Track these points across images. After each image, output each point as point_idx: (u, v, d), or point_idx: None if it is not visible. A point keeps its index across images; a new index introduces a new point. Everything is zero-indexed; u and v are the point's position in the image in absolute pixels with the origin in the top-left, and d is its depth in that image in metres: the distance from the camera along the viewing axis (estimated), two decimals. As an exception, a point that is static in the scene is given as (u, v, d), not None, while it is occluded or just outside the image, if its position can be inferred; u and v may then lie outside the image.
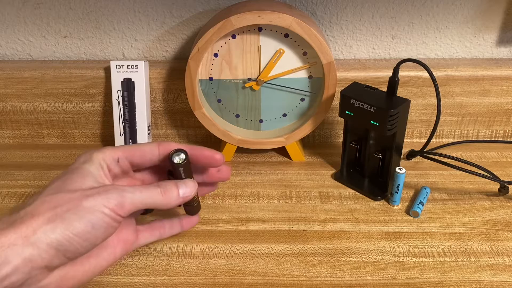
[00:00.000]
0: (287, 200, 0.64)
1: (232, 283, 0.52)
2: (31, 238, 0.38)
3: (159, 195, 0.45)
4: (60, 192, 0.41)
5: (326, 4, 0.73)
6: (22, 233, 0.38)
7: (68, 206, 0.40)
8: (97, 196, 0.41)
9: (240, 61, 0.67)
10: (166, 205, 0.46)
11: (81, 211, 0.40)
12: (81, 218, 0.40)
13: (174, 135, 0.78)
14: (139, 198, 0.44)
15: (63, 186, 0.42)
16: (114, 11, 0.73)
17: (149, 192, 0.44)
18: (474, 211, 0.62)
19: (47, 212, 0.40)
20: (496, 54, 0.77)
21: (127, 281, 0.52)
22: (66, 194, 0.41)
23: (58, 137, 0.78)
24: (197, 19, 0.74)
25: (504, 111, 0.75)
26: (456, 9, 0.73)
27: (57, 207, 0.40)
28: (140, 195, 0.44)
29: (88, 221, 0.40)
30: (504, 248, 0.56)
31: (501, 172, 0.69)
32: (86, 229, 0.40)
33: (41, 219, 0.39)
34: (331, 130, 0.77)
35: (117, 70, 0.70)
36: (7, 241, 0.37)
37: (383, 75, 0.72)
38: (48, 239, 0.39)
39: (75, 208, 0.40)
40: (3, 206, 0.64)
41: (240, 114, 0.72)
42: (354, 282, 0.52)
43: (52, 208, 0.40)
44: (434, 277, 0.52)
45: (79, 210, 0.40)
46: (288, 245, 0.57)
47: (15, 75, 0.74)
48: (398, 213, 0.62)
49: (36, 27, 0.75)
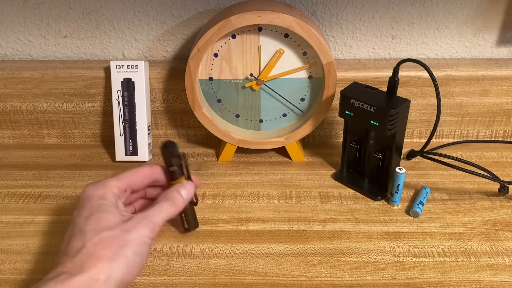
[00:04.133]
0: (287, 200, 0.64)
1: (232, 283, 0.52)
2: (101, 280, 0.42)
3: (171, 207, 0.51)
4: (103, 231, 0.45)
5: (326, 4, 0.73)
6: (94, 277, 0.42)
7: (118, 241, 0.45)
8: (135, 229, 0.46)
9: (240, 61, 0.67)
10: (177, 212, 0.52)
11: (129, 245, 0.45)
12: (132, 251, 0.45)
13: (174, 135, 0.78)
14: (161, 218, 0.49)
15: (101, 225, 0.46)
16: (114, 11, 0.73)
17: (164, 209, 0.50)
18: (474, 211, 0.62)
19: (105, 251, 0.44)
20: (496, 54, 0.77)
21: (127, 281, 0.52)
22: (109, 231, 0.45)
23: (58, 137, 0.78)
24: (197, 19, 0.74)
25: (504, 111, 0.75)
26: (456, 9, 0.73)
27: (110, 244, 0.44)
28: (161, 215, 0.49)
29: (137, 252, 0.45)
30: (504, 248, 0.56)
31: (501, 172, 0.69)
32: (137, 259, 0.45)
33: (105, 260, 0.43)
34: (331, 130, 0.77)
35: (117, 70, 0.70)
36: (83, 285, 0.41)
37: (383, 75, 0.72)
38: (116, 278, 0.43)
39: (124, 244, 0.45)
40: (3, 206, 0.64)
41: (240, 114, 0.72)
42: (354, 282, 0.52)
43: (106, 247, 0.44)
44: (434, 277, 0.52)
45: (128, 245, 0.45)
46: (288, 245, 0.57)
47: (15, 75, 0.74)
48: (398, 213, 0.62)
49: (36, 27, 0.75)
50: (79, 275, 0.41)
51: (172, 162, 0.53)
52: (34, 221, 0.61)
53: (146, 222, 0.47)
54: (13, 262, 0.55)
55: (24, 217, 0.62)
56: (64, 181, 0.69)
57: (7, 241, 0.58)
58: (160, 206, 0.50)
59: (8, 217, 0.62)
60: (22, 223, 0.61)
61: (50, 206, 0.64)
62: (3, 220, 0.61)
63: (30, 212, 0.63)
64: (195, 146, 0.78)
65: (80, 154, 0.75)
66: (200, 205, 0.63)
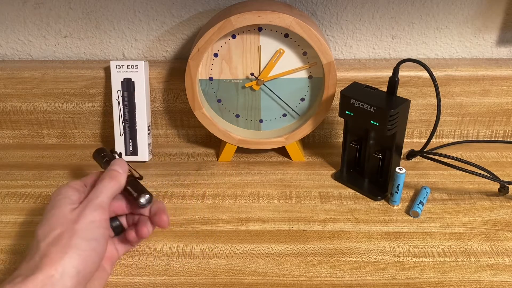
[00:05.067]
0: (287, 200, 0.64)
1: (232, 283, 0.52)
2: (56, 276, 0.42)
3: (111, 182, 0.51)
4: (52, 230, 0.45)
5: (326, 4, 0.73)
6: (48, 274, 0.42)
7: (68, 234, 0.45)
8: (82, 216, 0.46)
9: (240, 61, 0.67)
10: (121, 185, 0.52)
11: (79, 234, 0.45)
12: (83, 239, 0.45)
13: (174, 135, 0.78)
14: (105, 196, 0.49)
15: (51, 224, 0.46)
16: (114, 11, 0.73)
17: (105, 187, 0.50)
18: (474, 211, 0.62)
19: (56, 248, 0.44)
20: (496, 54, 0.77)
21: (127, 281, 0.52)
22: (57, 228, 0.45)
23: (58, 137, 0.79)
24: (197, 19, 0.74)
25: (504, 111, 0.75)
26: (456, 9, 0.73)
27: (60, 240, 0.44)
28: (103, 194, 0.49)
29: (89, 238, 0.45)
30: (504, 248, 0.56)
31: (501, 172, 0.69)
32: (92, 245, 0.45)
33: (56, 256, 0.43)
34: (331, 130, 0.77)
35: (117, 70, 0.70)
36: (39, 283, 0.41)
37: (383, 75, 0.72)
38: (70, 271, 0.43)
39: (73, 235, 0.45)
40: (3, 206, 0.64)
41: (240, 114, 0.72)
42: (354, 282, 0.52)
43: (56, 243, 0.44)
44: (434, 277, 0.52)
45: (78, 235, 0.45)
46: (288, 245, 0.57)
47: (15, 75, 0.74)
48: (398, 213, 0.62)
49: (36, 27, 0.75)
50: (33, 275, 0.42)
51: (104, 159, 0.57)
52: (34, 221, 0.61)
53: (91, 207, 0.47)
54: (13, 262, 0.55)
55: (24, 217, 0.62)
56: (64, 181, 0.69)
57: (7, 241, 0.58)
58: (100, 186, 0.50)
59: (8, 217, 0.62)
60: (22, 223, 0.61)
61: (50, 206, 0.64)
62: (3, 220, 0.61)
63: (30, 212, 0.63)
64: (195, 146, 0.78)
65: (80, 154, 0.75)
66: (200, 205, 0.63)
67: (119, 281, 0.52)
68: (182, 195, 0.65)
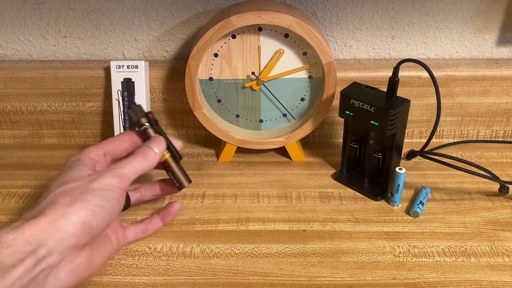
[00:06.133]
0: (287, 200, 0.64)
1: (232, 283, 0.52)
2: (59, 221, 0.42)
3: (142, 160, 0.50)
4: (66, 183, 0.45)
5: (326, 4, 0.73)
6: (50, 219, 0.41)
7: (80, 190, 0.44)
8: (100, 178, 0.46)
9: (240, 61, 0.67)
10: (151, 166, 0.51)
11: (92, 191, 0.45)
12: (95, 196, 0.45)
13: (174, 135, 0.78)
14: (131, 170, 0.49)
15: (66, 179, 0.46)
16: (114, 11, 0.73)
17: (134, 162, 0.50)
18: (474, 211, 0.62)
19: (65, 198, 0.43)
20: (496, 54, 0.77)
21: (127, 281, 0.52)
22: (73, 183, 0.45)
23: (58, 137, 0.79)
24: (197, 19, 0.74)
25: (504, 111, 0.75)
26: (456, 9, 0.73)
27: (71, 192, 0.44)
28: (130, 167, 0.49)
29: (101, 196, 0.45)
30: (504, 248, 0.56)
31: (501, 172, 0.69)
32: (102, 203, 0.45)
33: (62, 205, 0.43)
34: (331, 130, 0.77)
35: (117, 70, 0.70)
36: (38, 228, 0.41)
37: (383, 75, 0.72)
38: (74, 219, 0.42)
39: (86, 191, 0.45)
40: (3, 206, 0.64)
41: (240, 114, 0.72)
42: (354, 282, 0.52)
43: (66, 195, 0.44)
44: (434, 277, 0.52)
45: (90, 191, 0.45)
46: (288, 245, 0.57)
47: (15, 75, 0.74)
48: (398, 213, 0.62)
49: (36, 27, 0.75)
50: (33, 220, 0.41)
51: (141, 121, 0.53)
52: (34, 221, 0.61)
53: (112, 172, 0.47)
54: (13, 262, 0.55)
55: (24, 217, 0.62)
56: (64, 181, 0.69)
57: (7, 241, 0.58)
58: (129, 159, 0.50)
59: (8, 217, 0.62)
60: (22, 223, 0.61)
61: (50, 206, 0.64)
62: (3, 220, 0.61)
63: (30, 212, 0.63)
64: (195, 146, 0.78)
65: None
66: (200, 205, 0.63)
67: (119, 281, 0.52)
68: (182, 195, 0.65)
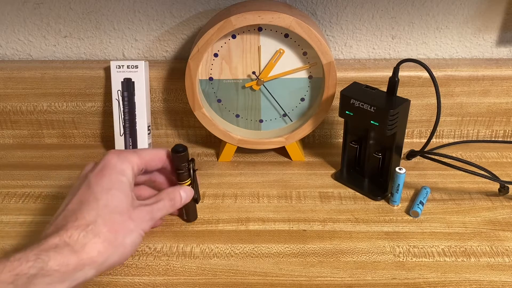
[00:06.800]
0: (287, 200, 0.64)
1: (232, 283, 0.52)
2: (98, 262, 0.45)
3: (170, 208, 0.54)
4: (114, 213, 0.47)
5: (326, 4, 0.73)
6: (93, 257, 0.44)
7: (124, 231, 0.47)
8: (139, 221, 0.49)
9: (240, 61, 0.67)
10: (173, 210, 0.55)
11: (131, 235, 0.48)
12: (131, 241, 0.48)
13: (174, 135, 0.78)
14: (160, 215, 0.53)
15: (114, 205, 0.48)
16: (114, 11, 0.73)
17: (165, 208, 0.53)
18: (474, 211, 0.62)
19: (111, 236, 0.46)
20: (496, 54, 0.77)
21: (127, 281, 0.52)
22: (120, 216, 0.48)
23: (58, 137, 0.79)
24: (197, 19, 0.74)
25: (504, 111, 0.75)
26: (456, 9, 0.73)
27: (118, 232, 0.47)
28: (161, 213, 0.53)
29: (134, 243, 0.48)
30: (504, 248, 0.56)
31: (501, 172, 0.69)
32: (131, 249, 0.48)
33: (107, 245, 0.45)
34: (331, 130, 0.77)
35: (117, 70, 0.70)
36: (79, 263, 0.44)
37: (383, 75, 0.72)
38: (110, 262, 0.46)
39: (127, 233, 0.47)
40: (3, 206, 0.64)
41: (240, 114, 0.72)
42: (354, 282, 0.52)
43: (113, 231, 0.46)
44: (434, 277, 0.52)
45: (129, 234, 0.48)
46: (288, 245, 0.57)
47: (15, 75, 0.74)
48: (398, 213, 0.62)
49: (36, 27, 0.75)
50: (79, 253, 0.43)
51: (181, 167, 0.55)
52: (34, 221, 0.61)
53: (149, 217, 0.50)
54: (13, 262, 0.55)
55: (24, 217, 0.62)
56: (64, 181, 0.69)
57: (7, 241, 0.58)
58: (162, 204, 0.53)
59: (8, 217, 0.62)
60: (22, 223, 0.61)
61: (50, 206, 0.64)
62: (3, 220, 0.61)
63: (30, 212, 0.63)
64: (195, 146, 0.78)
65: (80, 154, 0.75)
66: (200, 205, 0.63)
67: (119, 281, 0.52)
68: (182, 195, 0.65)
